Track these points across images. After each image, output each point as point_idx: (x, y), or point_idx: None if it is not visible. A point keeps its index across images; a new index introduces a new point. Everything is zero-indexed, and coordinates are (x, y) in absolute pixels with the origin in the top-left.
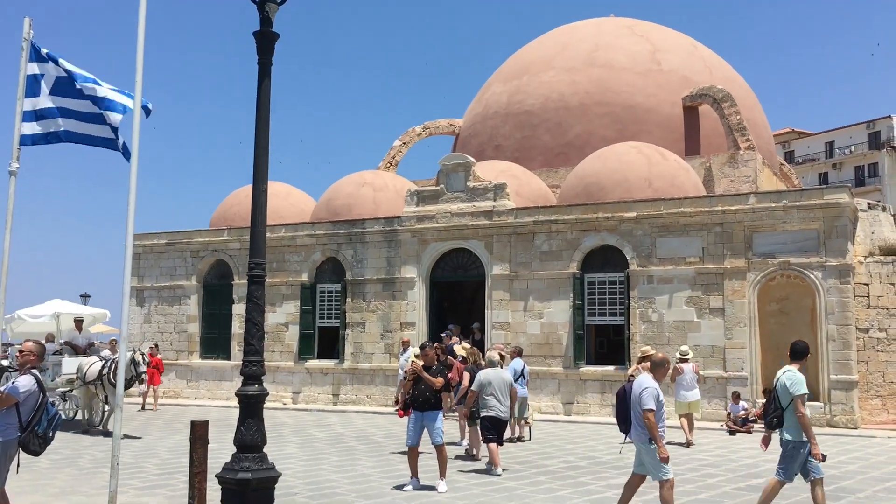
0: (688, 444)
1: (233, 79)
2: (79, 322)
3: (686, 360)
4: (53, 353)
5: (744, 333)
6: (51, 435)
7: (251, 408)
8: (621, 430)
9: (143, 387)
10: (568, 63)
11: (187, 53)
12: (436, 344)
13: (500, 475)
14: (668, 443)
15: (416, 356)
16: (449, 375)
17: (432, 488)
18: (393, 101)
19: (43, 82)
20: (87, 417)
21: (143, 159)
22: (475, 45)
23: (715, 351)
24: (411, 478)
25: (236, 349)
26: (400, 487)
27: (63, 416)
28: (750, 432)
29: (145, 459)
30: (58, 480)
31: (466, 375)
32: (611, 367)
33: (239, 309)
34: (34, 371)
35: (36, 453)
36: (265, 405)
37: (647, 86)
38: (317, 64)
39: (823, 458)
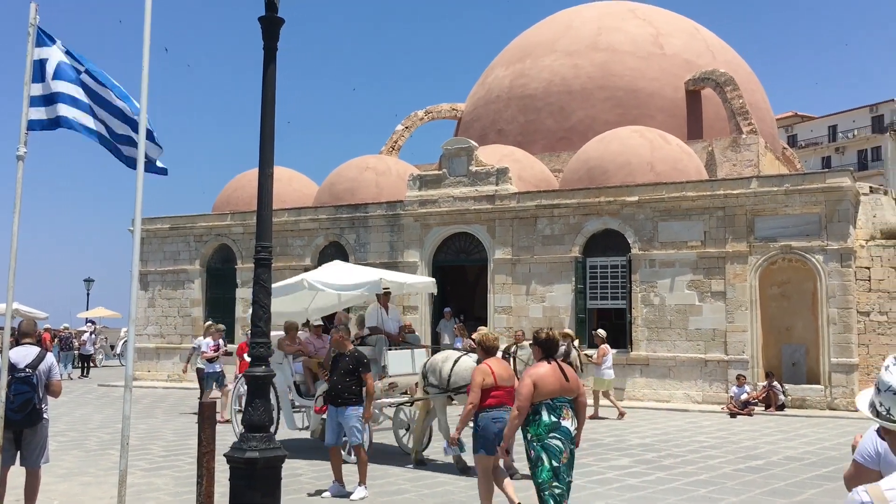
0: (621, 416)
1: (237, 62)
2: (385, 295)
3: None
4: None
5: (745, 317)
6: (11, 402)
7: (259, 388)
8: None
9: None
10: (571, 47)
11: (191, 38)
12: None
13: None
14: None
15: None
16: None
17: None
18: (395, 85)
19: (48, 67)
20: (415, 441)
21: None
22: (478, 29)
23: (716, 334)
24: (333, 482)
25: (240, 333)
26: (320, 493)
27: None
28: (751, 415)
29: (151, 442)
30: (65, 462)
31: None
32: (613, 351)
33: (243, 293)
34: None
35: (16, 423)
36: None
37: (650, 70)
38: (320, 47)
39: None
